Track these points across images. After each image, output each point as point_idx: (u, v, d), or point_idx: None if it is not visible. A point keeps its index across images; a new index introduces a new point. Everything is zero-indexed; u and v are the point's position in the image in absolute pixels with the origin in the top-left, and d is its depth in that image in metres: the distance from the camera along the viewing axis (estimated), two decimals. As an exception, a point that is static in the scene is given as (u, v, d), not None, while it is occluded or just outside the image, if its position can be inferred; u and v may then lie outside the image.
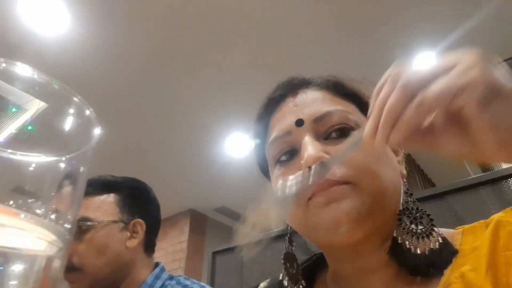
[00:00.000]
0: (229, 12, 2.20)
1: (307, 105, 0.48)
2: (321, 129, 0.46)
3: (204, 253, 4.22)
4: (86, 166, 0.30)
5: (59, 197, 0.27)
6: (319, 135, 0.46)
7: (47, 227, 0.25)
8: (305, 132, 0.46)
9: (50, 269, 0.26)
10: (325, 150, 0.43)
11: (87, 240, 0.86)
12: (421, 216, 0.44)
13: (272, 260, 1.76)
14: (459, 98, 0.30)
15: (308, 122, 0.46)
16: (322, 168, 0.41)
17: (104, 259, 0.87)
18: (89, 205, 0.91)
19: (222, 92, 2.77)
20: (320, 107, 0.47)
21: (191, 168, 3.57)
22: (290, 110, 0.49)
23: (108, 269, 0.87)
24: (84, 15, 2.17)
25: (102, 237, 0.88)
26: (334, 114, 0.46)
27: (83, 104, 0.29)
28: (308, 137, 0.45)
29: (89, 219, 0.88)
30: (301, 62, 2.52)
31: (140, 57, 2.47)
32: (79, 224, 0.86)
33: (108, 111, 2.85)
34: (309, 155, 0.42)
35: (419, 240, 0.41)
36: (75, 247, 0.85)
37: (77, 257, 0.85)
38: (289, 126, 0.47)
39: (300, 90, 0.51)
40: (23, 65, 0.28)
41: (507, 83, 0.30)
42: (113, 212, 0.93)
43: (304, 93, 0.50)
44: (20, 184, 0.25)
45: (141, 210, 0.98)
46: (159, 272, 0.94)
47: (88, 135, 0.30)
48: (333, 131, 0.45)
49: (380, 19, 2.24)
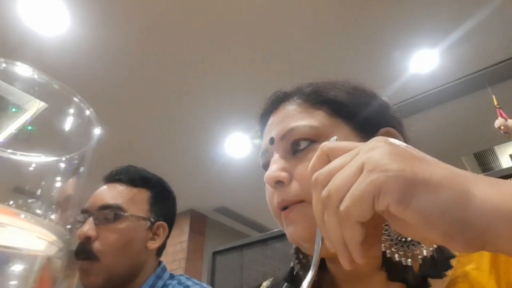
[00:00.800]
0: (229, 12, 2.20)
1: (279, 123, 0.51)
2: (286, 145, 0.49)
3: (204, 253, 4.22)
4: (86, 166, 0.30)
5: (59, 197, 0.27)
6: (287, 151, 0.49)
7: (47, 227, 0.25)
8: (275, 149, 0.50)
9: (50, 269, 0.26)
10: (286, 168, 0.46)
11: (116, 229, 0.82)
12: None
13: (272, 260, 1.76)
14: (378, 202, 0.28)
15: (277, 140, 0.50)
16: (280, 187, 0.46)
17: (124, 255, 0.83)
18: (124, 194, 0.88)
19: (222, 92, 2.77)
20: (287, 124, 0.50)
21: (191, 168, 3.57)
22: (268, 128, 0.54)
23: (125, 266, 0.83)
24: (84, 15, 2.17)
25: (131, 231, 0.84)
26: (295, 131, 0.48)
27: (83, 104, 0.29)
28: (276, 155, 0.49)
29: (123, 208, 0.85)
30: (301, 61, 2.52)
31: (140, 57, 2.47)
32: (113, 211, 0.83)
33: (108, 111, 2.85)
34: (266, 176, 0.46)
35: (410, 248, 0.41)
36: (102, 233, 0.81)
37: (99, 244, 0.80)
38: (266, 144, 0.52)
39: (281, 105, 0.55)
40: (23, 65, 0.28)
41: (419, 168, 0.28)
42: (144, 208, 0.89)
43: (282, 109, 0.54)
44: (20, 184, 0.25)
45: (166, 212, 0.96)
46: (160, 272, 0.92)
47: (88, 135, 0.30)
48: (295, 147, 0.48)
49: (379, 18, 2.24)
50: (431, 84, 2.70)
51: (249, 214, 4.53)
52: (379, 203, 0.28)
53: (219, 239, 4.50)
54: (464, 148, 3.46)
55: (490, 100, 2.50)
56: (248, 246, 1.88)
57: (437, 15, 2.21)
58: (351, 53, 2.46)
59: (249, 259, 1.85)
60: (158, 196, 0.94)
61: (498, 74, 2.57)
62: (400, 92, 2.71)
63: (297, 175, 0.45)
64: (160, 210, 0.93)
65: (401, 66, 2.54)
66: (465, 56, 2.46)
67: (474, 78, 2.61)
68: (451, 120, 3.01)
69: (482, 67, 2.55)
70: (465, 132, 3.16)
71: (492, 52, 2.45)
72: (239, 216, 4.56)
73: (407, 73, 2.59)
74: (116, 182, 0.90)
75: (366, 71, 2.58)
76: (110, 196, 0.86)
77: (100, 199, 0.86)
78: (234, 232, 4.81)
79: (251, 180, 3.60)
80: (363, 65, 2.53)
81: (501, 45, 2.40)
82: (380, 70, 2.58)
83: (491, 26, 2.25)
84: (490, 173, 1.20)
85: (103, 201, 0.85)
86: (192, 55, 2.46)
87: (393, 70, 2.57)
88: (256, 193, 4.35)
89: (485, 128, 2.81)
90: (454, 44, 2.37)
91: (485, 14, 2.17)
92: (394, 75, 2.61)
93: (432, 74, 2.60)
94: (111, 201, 0.85)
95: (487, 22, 2.21)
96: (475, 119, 2.97)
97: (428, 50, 2.43)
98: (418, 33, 2.32)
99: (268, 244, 1.79)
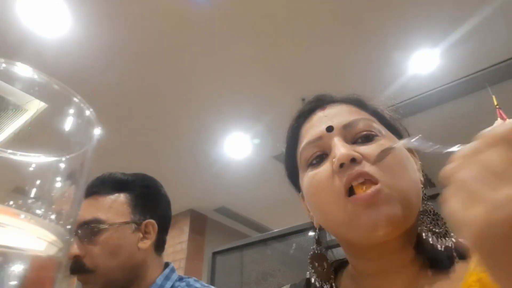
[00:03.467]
0: (229, 12, 2.20)
1: (336, 115, 0.53)
2: (349, 134, 0.50)
3: (204, 253, 4.22)
4: (86, 167, 0.30)
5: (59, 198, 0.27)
6: (347, 140, 0.50)
7: (47, 227, 0.25)
8: (335, 136, 0.50)
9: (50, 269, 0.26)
10: (354, 149, 0.48)
11: (99, 242, 0.84)
12: (437, 218, 0.48)
13: (272, 260, 1.76)
14: None
15: (338, 128, 0.51)
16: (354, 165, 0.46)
17: (116, 261, 0.85)
18: (100, 206, 0.89)
19: (222, 92, 2.77)
20: (348, 116, 0.52)
21: (191, 168, 3.57)
22: (320, 120, 0.54)
23: (120, 271, 0.85)
24: (85, 16, 2.17)
25: (115, 239, 0.86)
26: (360, 122, 0.51)
27: (83, 105, 0.29)
28: (338, 138, 0.49)
29: (101, 221, 0.86)
30: (300, 62, 2.52)
31: (140, 57, 2.47)
32: (92, 226, 0.85)
33: (108, 112, 2.85)
34: (341, 153, 0.46)
35: (438, 239, 0.46)
36: (87, 249, 0.84)
37: (89, 259, 0.83)
38: (321, 132, 0.52)
39: (328, 105, 0.56)
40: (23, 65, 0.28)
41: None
42: (125, 212, 0.90)
43: (332, 107, 0.56)
44: (20, 184, 0.25)
45: (152, 209, 0.95)
46: (169, 273, 0.93)
47: (88, 135, 0.30)
48: (359, 137, 0.50)
49: (379, 19, 2.24)
50: (431, 84, 2.70)
51: (249, 214, 4.53)
52: None
53: (219, 239, 4.50)
54: (464, 148, 3.45)
55: (490, 100, 2.50)
56: (248, 246, 1.88)
57: (437, 15, 2.21)
58: (351, 53, 2.46)
59: (249, 259, 1.85)
60: (139, 196, 0.94)
61: (498, 74, 2.57)
62: (400, 92, 2.71)
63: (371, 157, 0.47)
64: (144, 209, 0.93)
65: (401, 66, 2.54)
66: (465, 56, 2.46)
67: (474, 78, 2.61)
68: (451, 120, 3.02)
69: (482, 67, 2.55)
70: (465, 132, 3.16)
71: (492, 52, 2.45)
72: (239, 216, 4.56)
73: (407, 73, 2.59)
74: (93, 195, 0.91)
75: (367, 71, 2.58)
76: (87, 212, 0.87)
77: (80, 217, 0.87)
78: (234, 232, 4.81)
79: (251, 180, 3.60)
80: (364, 65, 2.54)
81: (501, 45, 2.40)
82: (380, 70, 2.58)
83: (491, 26, 2.25)
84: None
85: (82, 218, 0.86)
86: (193, 55, 2.46)
87: (393, 70, 2.58)
88: (256, 193, 4.34)
89: (485, 128, 2.79)
90: (454, 44, 2.37)
91: (485, 14, 2.17)
92: (394, 75, 2.61)
93: (432, 74, 2.60)
94: (89, 216, 0.86)
95: (487, 22, 2.21)
96: (475, 119, 2.97)
97: (428, 50, 2.43)
98: (418, 33, 2.32)
99: (268, 244, 1.79)
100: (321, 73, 2.60)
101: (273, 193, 3.32)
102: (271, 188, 3.35)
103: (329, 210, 0.49)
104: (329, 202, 0.48)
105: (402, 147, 0.50)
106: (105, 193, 0.91)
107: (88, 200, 0.90)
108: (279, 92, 2.72)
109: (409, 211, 0.46)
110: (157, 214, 0.95)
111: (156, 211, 0.96)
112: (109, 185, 0.92)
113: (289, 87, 2.69)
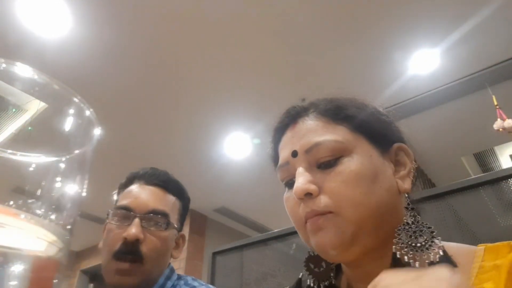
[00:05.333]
0: (229, 13, 2.20)
1: (301, 136, 0.52)
2: (312, 159, 0.50)
3: (204, 254, 4.22)
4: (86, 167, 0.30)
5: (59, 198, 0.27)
6: (311, 164, 0.50)
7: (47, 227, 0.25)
8: (299, 162, 0.50)
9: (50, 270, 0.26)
10: (313, 180, 0.48)
11: (161, 237, 0.84)
12: (421, 229, 0.46)
13: (272, 260, 1.76)
14: None
15: (301, 153, 0.51)
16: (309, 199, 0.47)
17: (162, 261, 0.85)
18: (168, 202, 0.89)
19: (222, 92, 2.77)
20: (311, 138, 0.51)
21: (191, 168, 3.57)
22: (289, 141, 0.54)
23: (159, 272, 0.85)
24: (85, 16, 2.17)
25: (170, 240, 0.87)
26: (322, 145, 0.49)
27: (83, 105, 0.29)
28: (301, 168, 0.49)
29: (169, 217, 0.87)
30: (301, 61, 2.52)
31: (140, 58, 2.47)
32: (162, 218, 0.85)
33: (108, 112, 2.85)
34: (296, 188, 0.47)
35: (418, 253, 0.44)
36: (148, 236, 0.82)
37: (145, 247, 0.81)
38: (287, 157, 0.52)
39: (300, 119, 0.55)
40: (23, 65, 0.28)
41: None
42: (177, 218, 0.92)
43: (302, 122, 0.54)
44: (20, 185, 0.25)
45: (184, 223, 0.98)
46: (170, 273, 0.93)
47: (88, 135, 0.30)
48: (321, 163, 0.49)
49: (379, 18, 2.24)
50: (431, 85, 2.70)
51: (249, 214, 4.53)
52: None
53: (219, 239, 4.50)
54: (464, 148, 3.46)
55: (490, 100, 2.50)
56: (248, 247, 1.88)
57: (437, 15, 2.21)
58: (351, 53, 2.46)
59: (249, 260, 1.85)
60: (184, 208, 0.97)
61: (498, 74, 2.57)
62: (400, 93, 2.71)
63: (327, 188, 0.47)
64: (182, 221, 0.96)
65: (401, 66, 2.54)
66: (465, 56, 2.46)
67: (474, 78, 2.61)
68: (451, 121, 3.02)
69: (482, 67, 2.55)
70: (465, 132, 3.16)
71: (492, 52, 2.45)
72: (239, 217, 4.56)
73: (407, 73, 2.59)
74: (161, 188, 0.91)
75: (366, 71, 2.58)
76: (158, 202, 0.87)
77: (151, 203, 0.86)
78: (234, 232, 4.81)
79: (251, 180, 3.60)
80: (363, 65, 2.54)
81: (501, 45, 2.40)
82: (380, 70, 2.58)
83: (491, 26, 2.25)
84: (490, 173, 1.20)
85: (154, 206, 0.85)
86: (193, 56, 2.46)
87: (393, 70, 2.58)
88: (256, 193, 4.33)
89: (485, 128, 2.81)
90: (454, 44, 2.37)
91: (485, 14, 2.17)
92: (394, 75, 2.61)
93: (432, 75, 2.60)
94: (160, 207, 0.86)
95: (487, 22, 2.21)
96: (475, 119, 2.97)
97: (428, 50, 2.43)
98: (418, 33, 2.32)
99: (268, 244, 1.79)
100: (321, 73, 2.60)
101: (273, 193, 3.32)
102: (271, 188, 3.34)
103: (298, 232, 0.52)
104: (296, 226, 0.51)
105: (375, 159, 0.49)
106: (170, 192, 0.92)
107: (152, 189, 0.89)
108: (279, 92, 2.72)
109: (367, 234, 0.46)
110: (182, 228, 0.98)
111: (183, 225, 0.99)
112: (174, 186, 0.94)
113: (289, 87, 2.69)
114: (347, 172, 0.47)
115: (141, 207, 0.84)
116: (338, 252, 0.46)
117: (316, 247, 0.48)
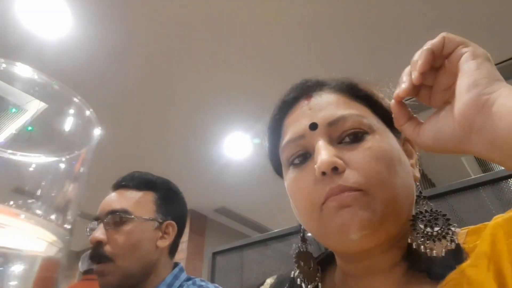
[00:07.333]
0: (230, 15, 2.20)
1: (321, 108, 0.48)
2: (334, 133, 0.46)
3: (204, 254, 4.22)
4: (86, 167, 0.30)
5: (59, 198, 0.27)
6: (332, 139, 0.46)
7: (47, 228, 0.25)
8: (319, 136, 0.45)
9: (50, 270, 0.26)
10: (338, 155, 0.43)
11: (124, 232, 0.88)
12: (436, 217, 0.43)
13: (272, 260, 1.76)
14: (461, 48, 0.41)
15: (322, 126, 0.46)
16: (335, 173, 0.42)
17: (135, 255, 0.88)
18: (129, 199, 0.94)
19: (222, 92, 2.77)
20: (334, 111, 0.47)
21: (190, 168, 3.57)
22: (304, 113, 0.49)
23: (138, 266, 0.89)
24: (85, 16, 2.17)
25: (138, 232, 0.90)
26: (348, 119, 0.45)
27: (83, 105, 0.29)
28: (322, 141, 0.44)
29: (129, 212, 0.90)
30: (301, 62, 2.52)
31: (140, 58, 2.47)
32: (119, 215, 0.89)
33: (108, 112, 2.85)
34: (322, 160, 0.42)
35: (436, 242, 0.41)
36: (111, 236, 0.87)
37: (111, 247, 0.86)
38: (303, 130, 0.47)
39: (314, 93, 0.51)
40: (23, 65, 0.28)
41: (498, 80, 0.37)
42: (150, 210, 0.95)
43: (318, 96, 0.50)
44: (20, 184, 0.25)
45: (174, 211, 1.00)
46: (178, 272, 0.96)
47: (88, 135, 0.30)
48: (346, 136, 0.45)
49: (378, 17, 2.24)
50: (431, 84, 2.69)
51: (249, 215, 4.53)
52: (463, 48, 0.44)
53: (219, 239, 4.50)
54: (464, 148, 3.45)
55: (490, 100, 2.49)
56: (248, 247, 1.88)
57: (438, 15, 2.21)
58: (352, 53, 2.46)
59: (249, 260, 1.85)
60: (164, 197, 0.99)
61: (498, 74, 2.57)
62: (400, 92, 2.70)
63: (356, 164, 0.43)
64: (167, 210, 0.98)
65: (401, 65, 2.54)
66: (465, 56, 2.46)
67: (474, 78, 2.61)
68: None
69: (482, 67, 2.55)
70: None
71: (491, 52, 2.44)
72: (239, 217, 4.56)
73: (407, 73, 2.59)
74: (123, 188, 0.97)
75: (369, 66, 2.58)
76: (117, 202, 0.93)
77: (108, 205, 0.92)
78: (234, 232, 4.81)
79: (251, 180, 3.60)
80: (367, 59, 2.54)
81: (500, 46, 2.40)
82: (382, 67, 2.58)
83: (490, 27, 2.25)
84: (490, 173, 1.20)
85: (111, 207, 0.91)
86: (193, 56, 2.46)
87: (395, 68, 2.57)
88: (256, 193, 4.33)
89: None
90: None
91: (485, 15, 2.17)
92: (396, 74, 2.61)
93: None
94: (118, 206, 0.91)
95: (486, 22, 2.21)
96: (475, 119, 2.96)
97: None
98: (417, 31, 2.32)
99: (268, 244, 1.79)
100: (321, 73, 2.60)
101: (273, 193, 3.32)
102: (271, 188, 3.34)
103: (305, 219, 0.47)
104: (306, 211, 0.45)
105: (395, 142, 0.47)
106: (134, 188, 0.96)
107: (117, 192, 0.96)
108: (279, 92, 2.71)
109: (391, 214, 0.42)
110: (177, 217, 1.00)
111: (176, 214, 1.01)
112: (139, 182, 0.98)
113: (289, 87, 2.69)
114: (377, 148, 0.44)
115: (102, 212, 0.92)
116: (365, 233, 0.41)
117: (337, 228, 0.42)
